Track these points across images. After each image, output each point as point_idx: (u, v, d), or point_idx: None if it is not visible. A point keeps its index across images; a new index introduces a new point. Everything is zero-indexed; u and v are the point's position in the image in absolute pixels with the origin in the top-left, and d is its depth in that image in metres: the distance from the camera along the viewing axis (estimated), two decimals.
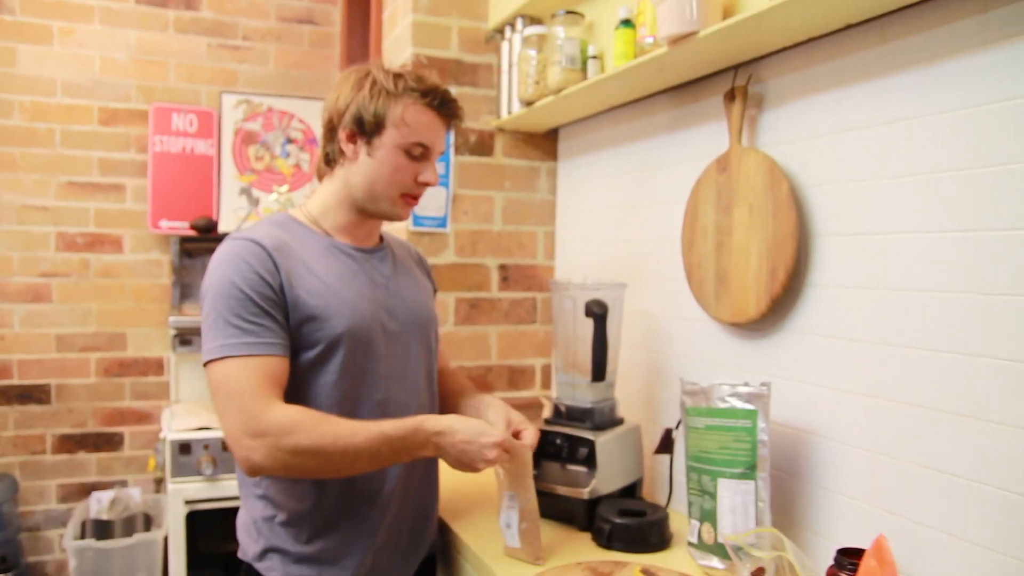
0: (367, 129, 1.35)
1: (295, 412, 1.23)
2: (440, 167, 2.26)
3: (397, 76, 1.36)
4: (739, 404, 1.38)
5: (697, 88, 1.73)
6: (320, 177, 1.46)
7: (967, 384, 1.13)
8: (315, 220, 1.42)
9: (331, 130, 1.39)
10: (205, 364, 1.26)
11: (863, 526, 1.30)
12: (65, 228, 3.11)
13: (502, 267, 2.34)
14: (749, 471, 1.36)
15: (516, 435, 1.42)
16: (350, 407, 1.35)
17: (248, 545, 1.39)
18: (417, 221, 2.23)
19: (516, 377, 2.36)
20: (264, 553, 1.36)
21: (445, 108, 1.39)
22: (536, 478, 1.65)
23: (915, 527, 1.21)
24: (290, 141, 3.33)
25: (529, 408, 2.35)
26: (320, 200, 1.44)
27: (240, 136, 3.26)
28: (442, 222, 2.26)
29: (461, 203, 2.29)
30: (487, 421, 1.43)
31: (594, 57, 1.84)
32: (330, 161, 1.42)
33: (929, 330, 1.19)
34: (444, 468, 1.46)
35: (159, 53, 3.20)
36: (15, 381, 3.05)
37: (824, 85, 1.39)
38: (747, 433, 1.37)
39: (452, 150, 2.27)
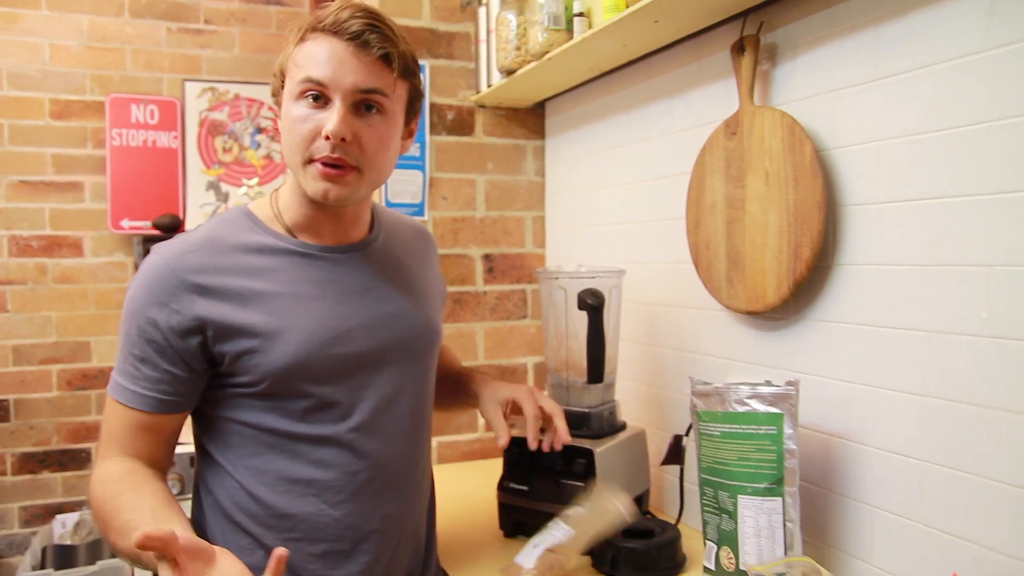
0: (275, 91, 1.13)
1: (119, 464, 1.05)
2: (415, 148, 2.04)
3: (310, 18, 1.08)
4: (761, 407, 1.19)
5: (699, 43, 1.53)
6: None
7: None
8: (280, 214, 1.16)
9: None
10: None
11: (911, 548, 1.10)
12: (19, 231, 2.90)
13: (487, 257, 2.13)
14: (775, 486, 1.17)
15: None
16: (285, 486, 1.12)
17: None
18: (390, 208, 2.01)
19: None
20: None
21: (344, 28, 1.03)
22: (526, 495, 1.48)
23: (979, 551, 1.00)
24: (260, 131, 3.13)
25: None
26: (284, 190, 1.18)
27: (206, 127, 3.07)
28: (419, 209, 2.06)
29: (439, 188, 2.08)
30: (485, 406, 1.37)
31: (580, 15, 1.62)
32: None
33: (994, 314, 0.97)
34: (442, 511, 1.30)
35: (115, 40, 3.00)
36: None
37: (855, 24, 1.17)
38: (771, 441, 1.18)
39: (427, 129, 2.05)
